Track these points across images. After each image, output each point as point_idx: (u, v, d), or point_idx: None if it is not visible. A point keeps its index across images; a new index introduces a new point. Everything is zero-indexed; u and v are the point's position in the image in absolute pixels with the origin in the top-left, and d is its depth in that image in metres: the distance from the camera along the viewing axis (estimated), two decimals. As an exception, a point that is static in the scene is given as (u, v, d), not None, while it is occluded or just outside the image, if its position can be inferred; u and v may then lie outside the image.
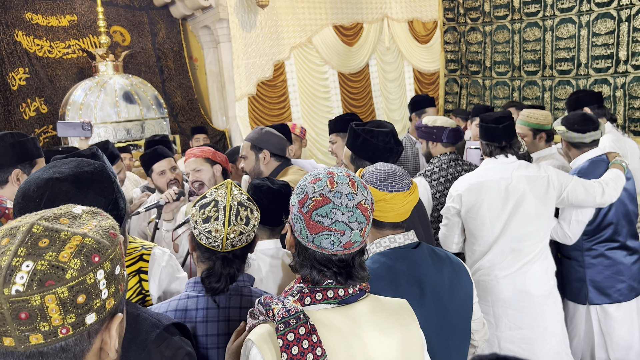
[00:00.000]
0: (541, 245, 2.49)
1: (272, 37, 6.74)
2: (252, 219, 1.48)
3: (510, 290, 2.46)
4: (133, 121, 5.48)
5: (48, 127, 5.84)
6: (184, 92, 6.82)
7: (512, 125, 2.52)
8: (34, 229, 0.73)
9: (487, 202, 2.46)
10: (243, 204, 1.47)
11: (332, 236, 1.08)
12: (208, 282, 1.41)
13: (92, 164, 1.16)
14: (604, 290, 2.74)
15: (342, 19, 7.43)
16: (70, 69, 6.03)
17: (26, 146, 2.24)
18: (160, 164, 2.92)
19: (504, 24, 5.53)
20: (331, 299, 1.11)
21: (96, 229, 0.78)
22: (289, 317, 1.04)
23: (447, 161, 2.84)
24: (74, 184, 1.10)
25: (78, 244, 0.73)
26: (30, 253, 0.70)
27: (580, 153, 2.84)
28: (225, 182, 1.50)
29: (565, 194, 2.50)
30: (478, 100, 5.99)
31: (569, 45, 4.97)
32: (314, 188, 1.11)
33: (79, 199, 1.07)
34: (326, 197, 1.09)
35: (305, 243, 1.11)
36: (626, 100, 4.57)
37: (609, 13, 4.60)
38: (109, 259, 0.76)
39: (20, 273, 0.69)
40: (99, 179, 1.13)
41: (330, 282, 1.12)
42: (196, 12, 6.50)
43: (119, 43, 6.38)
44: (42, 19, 5.81)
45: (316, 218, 1.08)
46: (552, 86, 5.17)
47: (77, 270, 0.71)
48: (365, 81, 7.83)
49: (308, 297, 1.11)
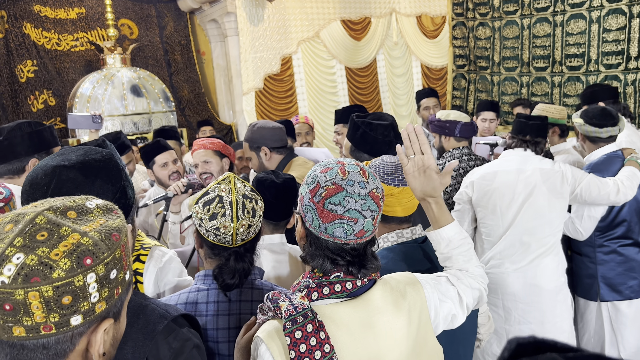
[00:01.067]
0: (553, 240, 2.48)
1: (280, 31, 6.73)
2: (258, 210, 1.46)
3: (521, 283, 2.45)
4: (140, 114, 5.49)
5: (56, 119, 5.87)
6: (191, 85, 6.83)
7: (543, 126, 2.56)
8: (37, 219, 0.72)
9: (498, 191, 2.47)
10: (248, 196, 1.44)
11: (345, 224, 1.07)
12: (222, 279, 1.39)
13: (100, 152, 1.15)
14: (616, 287, 2.73)
15: (350, 13, 7.40)
16: (78, 61, 6.05)
17: (43, 135, 2.25)
18: (163, 156, 2.89)
19: (513, 19, 5.48)
20: (339, 293, 1.10)
21: (99, 228, 0.75)
22: (296, 314, 1.03)
23: (459, 155, 2.83)
24: (82, 172, 1.09)
25: (74, 243, 0.71)
26: (25, 245, 0.69)
27: (596, 147, 2.81)
28: (227, 176, 1.47)
29: (579, 190, 2.49)
30: (486, 96, 5.96)
31: (579, 41, 4.92)
32: (325, 177, 1.09)
33: (86, 186, 1.07)
34: (339, 186, 1.08)
35: (317, 233, 1.09)
36: (636, 97, 4.53)
37: (620, 9, 4.54)
38: (104, 262, 0.73)
39: (9, 265, 0.68)
40: (106, 167, 1.12)
41: (338, 276, 1.10)
42: (204, 5, 6.49)
43: (126, 36, 6.39)
44: (50, 11, 5.83)
45: (329, 206, 1.07)
46: (561, 82, 5.13)
47: (66, 271, 0.69)
48: (372, 76, 7.80)
49: (315, 292, 1.09)
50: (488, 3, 5.70)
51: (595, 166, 2.72)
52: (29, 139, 2.19)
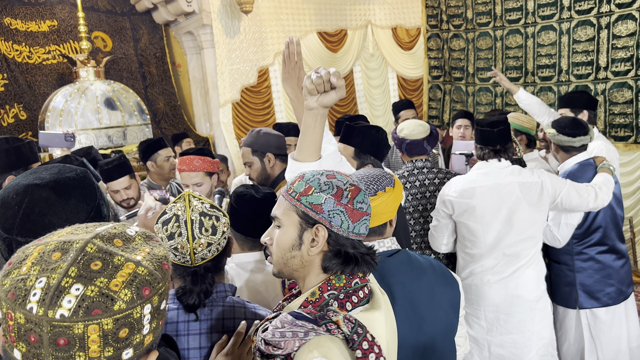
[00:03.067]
0: (534, 250, 2.50)
1: (256, 43, 6.72)
2: (220, 226, 1.42)
3: (503, 294, 2.46)
4: (115, 128, 5.40)
5: (27, 134, 5.72)
6: (167, 98, 6.75)
7: (507, 129, 2.52)
8: (87, 248, 0.68)
9: (479, 209, 2.45)
10: (206, 214, 1.40)
11: (367, 220, 1.14)
12: (184, 299, 1.37)
13: (74, 170, 1.12)
14: (594, 294, 2.76)
15: (326, 25, 7.44)
16: (50, 74, 5.93)
17: (21, 151, 2.20)
18: (116, 183, 2.82)
19: (486, 30, 5.58)
20: (362, 300, 1.11)
21: (149, 257, 0.72)
22: (355, 326, 1.00)
23: (411, 168, 2.76)
24: (55, 191, 1.05)
25: (131, 273, 0.68)
26: (81, 275, 0.65)
27: (569, 157, 2.87)
28: (183, 194, 1.44)
29: (560, 199, 2.50)
30: (461, 106, 6.04)
31: (550, 52, 5.03)
32: (340, 181, 1.13)
33: (59, 206, 1.04)
34: (356, 186, 1.14)
35: (346, 234, 1.10)
36: (607, 107, 4.64)
37: (589, 20, 4.67)
38: (159, 293, 0.71)
39: (68, 296, 0.64)
40: (80, 185, 1.09)
41: (357, 282, 1.11)
42: (179, 17, 6.45)
43: (100, 49, 6.30)
44: (21, 24, 5.71)
45: (357, 205, 1.11)
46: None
47: (127, 302, 0.66)
48: (349, 87, 7.84)
49: (348, 302, 1.08)
50: (462, 15, 5.80)
51: (570, 174, 2.77)
52: (5, 156, 2.14)
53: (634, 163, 4.66)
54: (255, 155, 2.55)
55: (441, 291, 1.51)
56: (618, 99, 4.54)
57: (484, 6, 5.53)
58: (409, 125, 2.80)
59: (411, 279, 1.47)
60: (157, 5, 6.33)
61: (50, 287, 0.64)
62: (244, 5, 6.10)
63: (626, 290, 2.80)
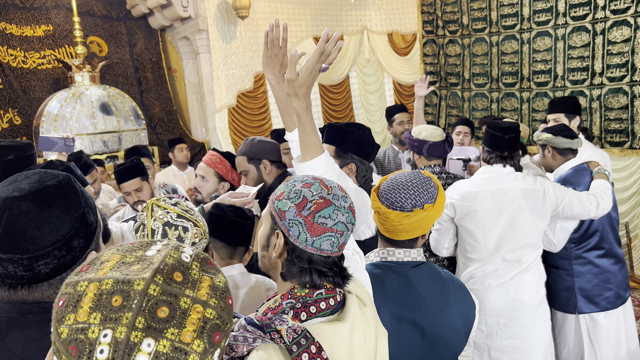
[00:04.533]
0: (534, 255, 2.49)
1: (253, 48, 6.72)
2: (188, 238, 1.37)
3: (503, 299, 2.45)
4: (110, 133, 5.38)
5: (22, 138, 5.69)
6: (163, 103, 6.74)
7: (517, 137, 2.52)
8: (150, 290, 0.60)
9: (481, 213, 2.44)
10: (171, 224, 1.35)
11: (333, 237, 1.08)
12: None
13: (56, 177, 1.04)
14: (593, 299, 2.76)
15: (322, 30, 7.44)
16: (45, 79, 5.90)
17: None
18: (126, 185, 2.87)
19: (482, 36, 5.60)
20: (324, 311, 1.08)
21: (214, 293, 0.65)
22: (298, 336, 0.99)
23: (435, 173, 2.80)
24: (36, 203, 0.97)
25: (200, 318, 0.62)
26: (149, 327, 0.58)
27: (565, 160, 2.86)
28: (148, 203, 1.40)
29: (562, 208, 2.50)
30: (457, 112, 6.05)
31: (545, 58, 5.05)
32: (311, 192, 1.09)
33: (41, 218, 0.96)
34: (327, 199, 1.09)
35: (303, 247, 1.08)
36: (602, 112, 4.65)
37: (584, 26, 4.69)
38: (227, 334, 0.65)
39: (140, 355, 0.57)
40: (63, 195, 1.01)
41: (320, 293, 1.09)
42: (175, 23, 6.44)
43: (95, 54, 6.28)
44: (16, 28, 5.69)
45: (319, 220, 1.07)
46: (530, 98, 5.24)
47: (200, 353, 0.60)
48: (345, 93, 7.85)
49: (303, 312, 1.06)
50: (457, 21, 5.82)
51: (566, 179, 2.77)
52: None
53: (630, 168, 4.67)
54: (251, 163, 2.54)
55: (457, 310, 1.50)
56: (613, 104, 4.56)
57: (479, 12, 5.55)
58: (427, 128, 2.81)
59: (431, 293, 1.46)
60: (153, 11, 6.32)
61: (118, 343, 0.58)
62: (240, 11, 6.10)
63: (624, 295, 2.81)
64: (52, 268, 0.96)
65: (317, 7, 7.36)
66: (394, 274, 1.44)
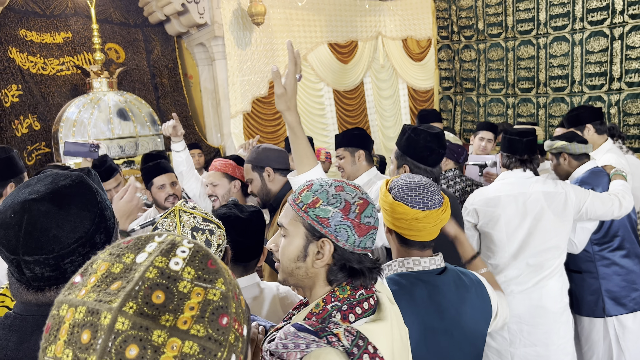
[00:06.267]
0: (558, 261, 2.48)
1: (268, 54, 6.76)
2: (214, 240, 1.37)
3: (526, 305, 2.43)
4: (127, 138, 5.44)
5: (40, 144, 5.78)
6: (179, 109, 6.80)
7: (535, 140, 2.53)
8: (118, 325, 0.52)
9: (504, 218, 2.44)
10: (199, 228, 1.36)
11: (374, 234, 1.12)
12: None
13: (69, 176, 1.05)
14: (620, 300, 2.72)
15: (337, 37, 7.47)
16: (64, 85, 5.99)
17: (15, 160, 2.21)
18: (161, 178, 2.91)
19: (497, 41, 5.57)
20: (367, 311, 1.09)
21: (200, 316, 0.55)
22: (355, 338, 0.98)
23: (452, 177, 2.81)
24: (54, 202, 0.98)
25: (176, 356, 0.53)
26: None
27: (579, 164, 2.88)
28: (173, 209, 1.39)
29: (585, 210, 2.50)
30: (472, 117, 6.01)
31: (562, 63, 5.01)
32: (349, 194, 1.11)
33: (62, 217, 0.97)
34: (365, 199, 1.12)
35: (351, 249, 1.09)
36: (620, 117, 4.59)
37: (602, 31, 4.64)
38: None
39: None
40: (79, 192, 1.02)
41: (362, 293, 1.09)
42: (191, 29, 6.51)
43: (113, 60, 6.36)
44: (36, 35, 5.79)
45: (365, 220, 1.10)
46: (546, 103, 5.20)
47: None
48: (360, 98, 7.85)
49: (351, 314, 1.06)
50: (473, 26, 5.80)
51: (583, 180, 2.78)
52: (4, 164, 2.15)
53: (649, 174, 4.60)
54: (255, 170, 2.55)
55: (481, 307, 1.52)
56: (632, 109, 4.50)
57: (495, 17, 5.52)
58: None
59: (457, 299, 1.47)
60: (170, 17, 6.39)
61: None
62: (256, 17, 6.15)
63: None
64: (78, 265, 0.97)
65: (332, 13, 7.39)
66: (422, 283, 1.44)
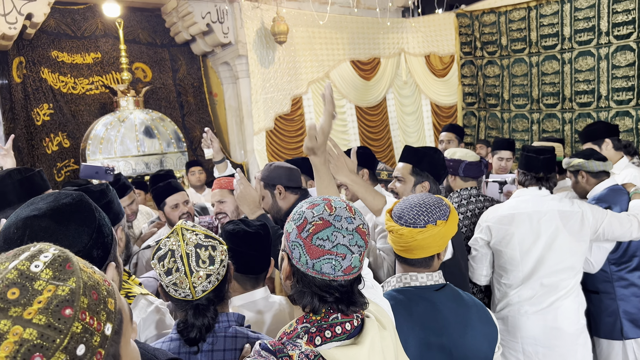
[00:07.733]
0: (574, 281, 2.40)
1: (290, 72, 6.84)
2: (217, 256, 1.39)
3: (541, 326, 2.36)
4: (152, 155, 5.55)
5: (70, 160, 5.95)
6: (204, 126, 6.90)
7: (553, 159, 2.49)
8: None
9: (518, 236, 2.39)
10: (202, 245, 1.38)
11: (333, 260, 1.04)
12: (185, 333, 1.35)
13: (70, 195, 1.13)
14: (638, 322, 2.63)
15: (359, 54, 7.52)
16: (93, 104, 6.17)
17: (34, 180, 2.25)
18: (174, 197, 2.92)
19: (521, 57, 5.52)
20: (340, 335, 1.06)
21: (45, 308, 0.59)
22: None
23: (467, 197, 2.75)
24: (54, 219, 1.07)
25: (17, 341, 0.56)
26: None
27: (598, 182, 2.82)
28: (175, 228, 1.41)
29: (602, 230, 2.43)
30: (497, 133, 5.94)
31: (588, 78, 4.92)
32: (312, 213, 1.07)
33: (60, 233, 1.05)
34: (326, 221, 1.06)
35: (304, 270, 1.06)
36: (649, 133, 4.48)
37: (628, 45, 4.56)
38: (60, 349, 0.58)
39: None
40: (78, 210, 1.10)
41: (336, 317, 1.07)
42: (216, 48, 6.64)
43: (140, 79, 6.53)
44: (67, 56, 6.00)
45: (317, 242, 1.04)
46: (572, 119, 5.10)
47: None
48: (382, 114, 7.85)
49: (318, 336, 1.04)
50: (496, 42, 5.76)
51: (601, 198, 2.72)
52: (19, 186, 2.18)
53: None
54: (267, 188, 2.57)
55: (481, 332, 1.49)
56: (661, 125, 4.39)
57: (518, 33, 5.48)
58: (461, 150, 2.87)
59: (455, 316, 1.46)
60: (196, 37, 6.54)
61: None
62: (279, 36, 6.24)
63: None
64: None
65: (354, 30, 7.45)
66: (419, 299, 1.43)
